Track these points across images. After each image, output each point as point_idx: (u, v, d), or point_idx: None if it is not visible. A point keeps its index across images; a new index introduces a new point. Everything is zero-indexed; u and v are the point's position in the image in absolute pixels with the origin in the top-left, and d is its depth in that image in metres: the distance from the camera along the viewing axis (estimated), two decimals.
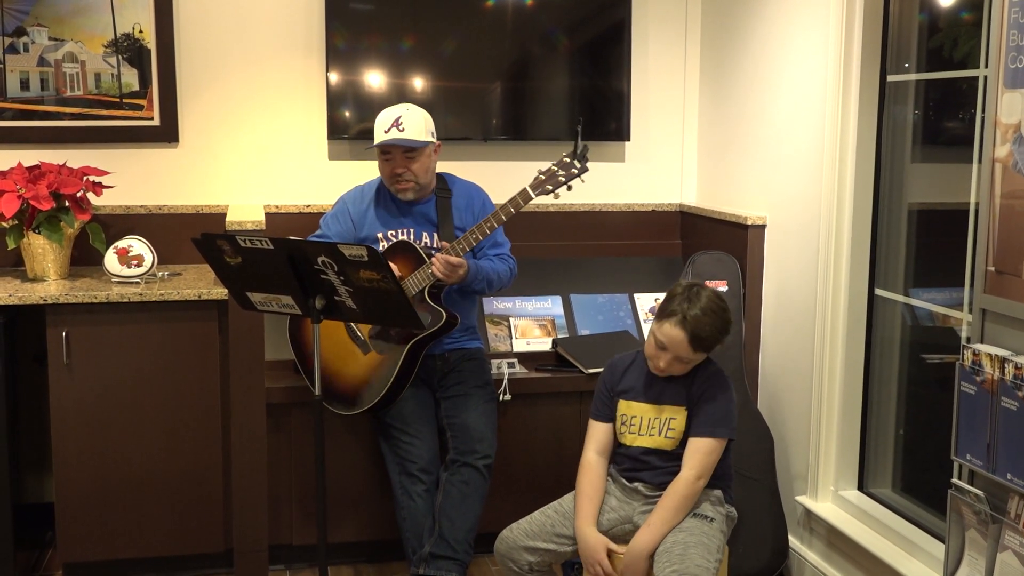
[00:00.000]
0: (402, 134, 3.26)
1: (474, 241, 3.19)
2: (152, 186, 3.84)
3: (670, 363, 2.77)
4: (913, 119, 3.16)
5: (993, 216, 2.34)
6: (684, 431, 2.79)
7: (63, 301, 3.21)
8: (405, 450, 3.27)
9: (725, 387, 2.82)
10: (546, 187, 3.19)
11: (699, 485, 2.75)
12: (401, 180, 3.32)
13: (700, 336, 2.72)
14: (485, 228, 3.17)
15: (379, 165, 3.40)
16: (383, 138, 3.28)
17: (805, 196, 3.36)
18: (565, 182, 3.19)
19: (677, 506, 2.73)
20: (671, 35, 4.17)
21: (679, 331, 2.72)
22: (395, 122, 3.27)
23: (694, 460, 2.75)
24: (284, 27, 3.87)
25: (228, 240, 2.67)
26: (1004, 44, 2.30)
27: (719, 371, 2.85)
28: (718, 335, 2.76)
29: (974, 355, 2.36)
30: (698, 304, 2.72)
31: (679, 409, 2.80)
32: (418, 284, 3.22)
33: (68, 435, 3.29)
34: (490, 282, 3.33)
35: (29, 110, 3.71)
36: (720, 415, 2.77)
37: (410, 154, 3.30)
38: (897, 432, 3.26)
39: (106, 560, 3.40)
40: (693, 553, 2.63)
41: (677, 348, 2.74)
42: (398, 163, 3.30)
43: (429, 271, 3.19)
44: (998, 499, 2.33)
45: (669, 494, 2.75)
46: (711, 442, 2.76)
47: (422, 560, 3.16)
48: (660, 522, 2.72)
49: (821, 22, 3.23)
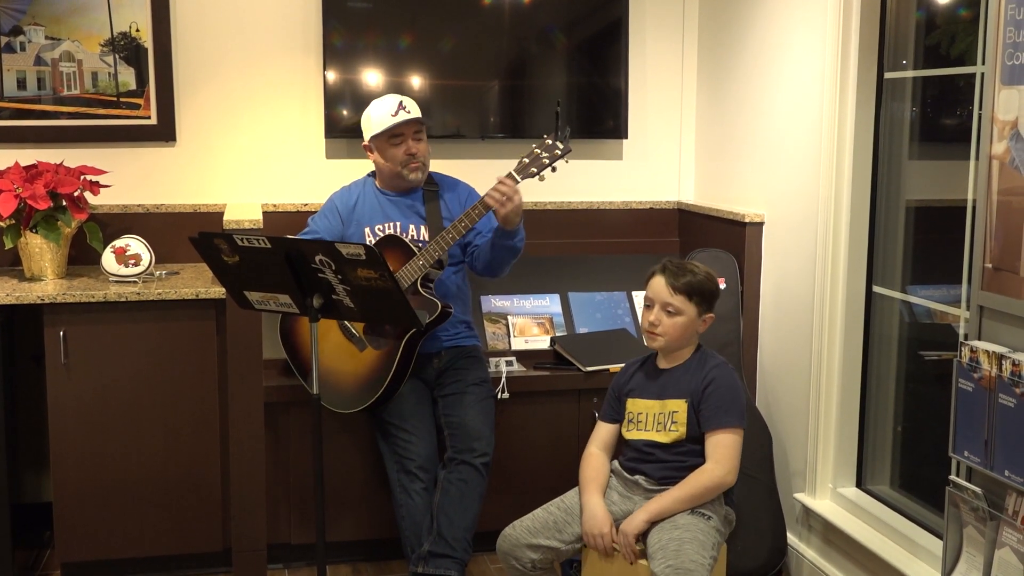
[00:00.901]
0: (410, 115, 3.34)
1: (463, 229, 3.19)
2: (149, 185, 3.83)
3: (658, 316, 2.81)
4: (910, 116, 3.16)
5: (990, 213, 2.34)
6: (687, 424, 2.79)
7: (60, 300, 3.21)
8: (403, 448, 3.26)
9: (730, 377, 2.83)
10: (530, 170, 3.18)
11: (727, 481, 2.75)
12: (415, 159, 3.37)
13: (677, 275, 2.81)
14: (473, 215, 3.18)
15: (385, 154, 3.38)
16: (394, 120, 3.31)
17: (803, 193, 3.36)
18: (549, 164, 3.18)
19: (694, 494, 2.73)
20: (668, 33, 4.17)
21: (658, 277, 2.84)
22: (400, 105, 3.35)
23: (718, 453, 2.76)
24: (281, 26, 3.87)
25: (226, 239, 2.67)
26: (1001, 41, 2.30)
27: (723, 363, 2.86)
28: (696, 276, 2.83)
29: (972, 352, 2.36)
30: (677, 260, 2.89)
31: (680, 402, 2.81)
32: (410, 276, 3.22)
33: (66, 434, 3.29)
34: (522, 243, 3.29)
35: (26, 109, 3.71)
36: (727, 404, 2.78)
37: (419, 134, 3.38)
38: (895, 429, 3.26)
39: (104, 559, 3.40)
40: (688, 548, 2.63)
41: (659, 294, 2.82)
42: (410, 144, 3.36)
43: (420, 263, 3.21)
44: (996, 496, 2.33)
45: (692, 479, 2.75)
46: (727, 435, 2.76)
47: (421, 558, 3.16)
48: (671, 499, 2.73)
49: (818, 19, 3.23)
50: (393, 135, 3.35)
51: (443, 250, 3.22)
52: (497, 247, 3.26)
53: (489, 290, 3.99)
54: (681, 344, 2.86)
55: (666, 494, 2.75)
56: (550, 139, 3.18)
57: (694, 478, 2.75)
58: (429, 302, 3.24)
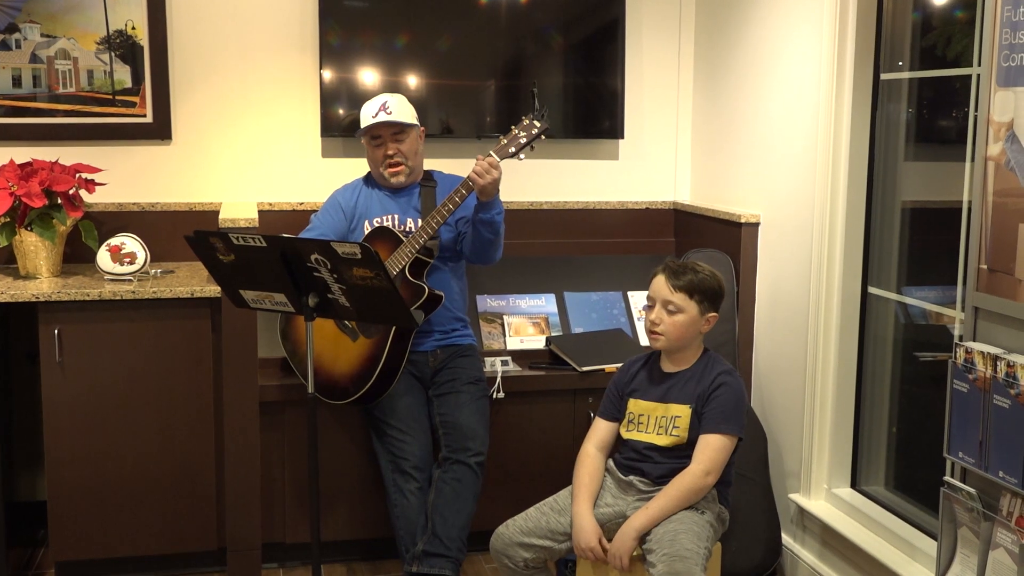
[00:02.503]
0: (390, 116, 3.37)
1: (447, 212, 3.23)
2: (145, 183, 3.83)
3: (659, 315, 2.81)
4: (906, 117, 3.16)
5: (986, 214, 2.34)
6: (688, 429, 2.80)
7: (55, 299, 3.21)
8: (398, 448, 3.26)
9: (735, 385, 2.83)
10: (508, 150, 3.24)
11: (707, 481, 2.75)
12: (392, 162, 3.39)
13: (678, 273, 2.82)
14: (455, 198, 3.22)
15: (368, 154, 3.48)
16: (371, 122, 3.36)
17: (798, 194, 3.37)
18: (527, 143, 3.25)
19: (680, 497, 2.73)
20: (665, 33, 4.17)
21: (660, 276, 2.85)
22: (382, 106, 3.38)
23: (703, 455, 2.76)
24: (278, 24, 3.86)
25: (221, 237, 2.66)
26: (997, 42, 2.30)
27: (731, 370, 2.86)
28: (697, 274, 2.83)
29: (967, 353, 2.36)
30: (680, 260, 2.92)
31: (684, 407, 2.81)
32: (398, 263, 3.24)
33: (61, 433, 3.28)
34: (501, 216, 3.29)
35: (21, 107, 3.70)
36: (729, 412, 2.78)
37: (399, 136, 3.40)
38: (890, 430, 3.26)
39: (99, 559, 3.39)
40: (683, 538, 2.65)
41: (660, 292, 2.83)
42: (389, 145, 3.39)
43: (408, 249, 3.24)
44: (990, 497, 2.34)
45: (675, 483, 2.75)
46: (719, 438, 2.76)
47: (415, 558, 3.15)
48: (658, 508, 2.72)
49: (815, 20, 3.24)
50: (373, 136, 3.40)
51: (429, 235, 3.23)
52: (477, 224, 3.28)
53: (485, 290, 3.99)
54: (683, 344, 2.86)
55: (652, 505, 2.74)
56: (527, 119, 3.26)
57: (677, 482, 2.75)
58: (417, 287, 3.25)
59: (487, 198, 3.21)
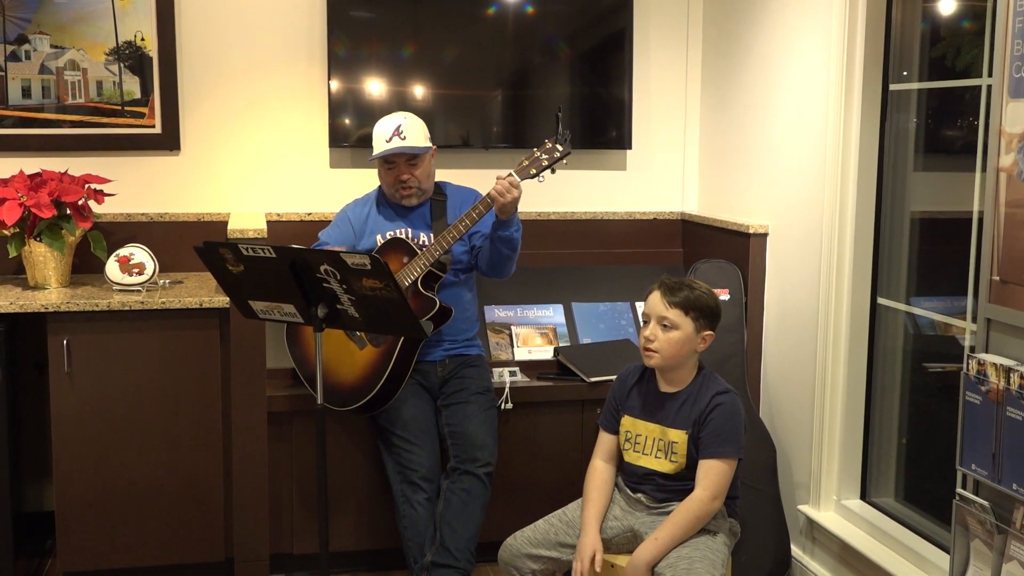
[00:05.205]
0: (404, 142, 3.33)
1: (463, 228, 3.23)
2: (153, 194, 3.83)
3: (654, 331, 2.78)
4: (915, 128, 3.16)
5: (998, 226, 2.33)
6: (687, 455, 2.77)
7: (64, 309, 3.21)
8: (406, 458, 3.26)
9: (730, 405, 2.78)
10: (530, 171, 3.23)
11: (714, 506, 2.72)
12: (406, 187, 3.38)
13: (674, 289, 2.79)
14: (473, 214, 3.22)
15: (380, 175, 3.44)
16: (386, 147, 3.32)
17: (807, 204, 3.36)
18: (548, 166, 3.24)
19: (687, 525, 2.70)
20: (673, 43, 4.17)
21: (655, 292, 2.83)
22: (396, 131, 3.33)
23: (707, 480, 2.73)
24: (285, 35, 3.87)
25: (231, 248, 2.66)
26: (1009, 53, 2.30)
27: (726, 390, 2.81)
28: (693, 291, 2.80)
29: (979, 365, 2.35)
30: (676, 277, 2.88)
31: (681, 433, 2.78)
32: (410, 275, 3.23)
33: (69, 443, 3.28)
34: (519, 233, 3.30)
35: (31, 118, 3.71)
36: (726, 434, 2.74)
37: (413, 161, 3.38)
38: (900, 441, 3.25)
39: (106, 569, 3.38)
40: (699, 568, 2.62)
41: (655, 308, 2.80)
42: (403, 171, 3.37)
43: (421, 262, 3.24)
44: (1003, 509, 2.32)
45: (681, 511, 2.72)
46: (719, 463, 2.73)
47: (423, 569, 3.15)
48: (667, 537, 2.69)
49: (823, 30, 3.24)
50: (387, 160, 3.38)
51: (444, 249, 3.23)
52: (495, 240, 3.29)
53: (493, 300, 3.99)
54: (677, 363, 2.81)
55: (661, 535, 2.69)
56: (550, 143, 3.25)
57: (684, 509, 2.71)
58: (428, 299, 3.25)
59: (506, 216, 3.22)
